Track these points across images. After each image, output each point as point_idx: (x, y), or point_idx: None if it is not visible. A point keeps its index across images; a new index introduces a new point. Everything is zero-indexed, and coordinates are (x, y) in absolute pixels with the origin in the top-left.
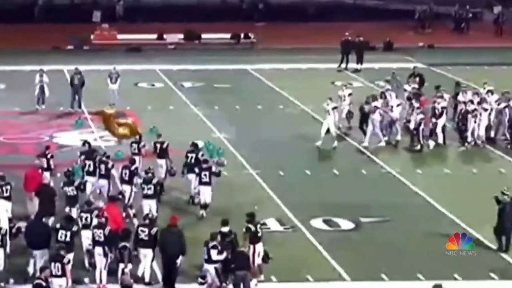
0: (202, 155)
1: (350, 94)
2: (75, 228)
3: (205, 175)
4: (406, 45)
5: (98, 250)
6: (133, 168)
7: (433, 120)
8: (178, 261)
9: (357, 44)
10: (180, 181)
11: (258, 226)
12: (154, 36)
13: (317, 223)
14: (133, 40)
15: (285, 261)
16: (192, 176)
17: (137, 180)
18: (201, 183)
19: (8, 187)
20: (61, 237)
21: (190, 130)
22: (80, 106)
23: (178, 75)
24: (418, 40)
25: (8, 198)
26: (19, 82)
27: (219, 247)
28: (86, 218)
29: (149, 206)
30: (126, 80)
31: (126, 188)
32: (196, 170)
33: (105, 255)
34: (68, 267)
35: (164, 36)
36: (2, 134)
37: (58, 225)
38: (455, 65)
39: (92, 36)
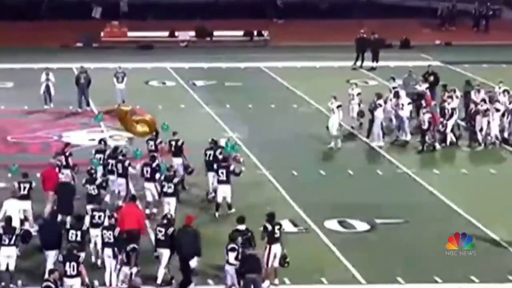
0: (220, 152)
1: (359, 94)
2: (84, 227)
3: (222, 173)
4: (423, 42)
5: (108, 251)
6: (154, 165)
7: (443, 121)
8: (193, 262)
9: (373, 42)
10: (199, 179)
11: (277, 227)
12: (166, 33)
13: (331, 224)
14: (144, 37)
15: (298, 263)
16: (211, 174)
17: (158, 176)
18: (218, 181)
19: (27, 185)
20: (71, 237)
21: (202, 129)
22: (88, 105)
23: (190, 73)
24: (435, 38)
25: (24, 197)
26: (27, 80)
27: (239, 250)
28: (99, 217)
29: (168, 204)
30: (137, 78)
31: (149, 186)
32: (215, 167)
33: (115, 256)
34: (83, 266)
35: (176, 33)
36: (10, 134)
37: (68, 225)
38: (472, 63)
39: (101, 34)
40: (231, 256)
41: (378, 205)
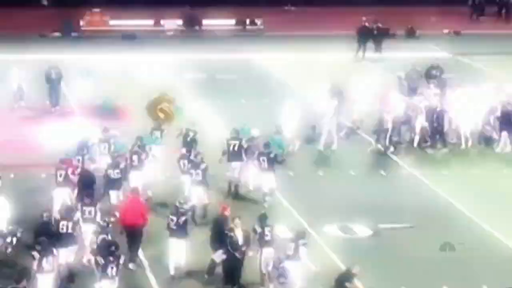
0: (246, 142)
1: None
2: (76, 218)
3: (263, 160)
4: (430, 32)
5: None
6: (191, 157)
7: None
8: (217, 257)
9: (375, 31)
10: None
11: (267, 229)
12: (150, 22)
13: (331, 229)
14: (127, 26)
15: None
16: (237, 165)
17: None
18: (261, 169)
19: (63, 172)
20: (62, 228)
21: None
22: (57, 105)
23: (177, 65)
24: (443, 27)
25: (61, 184)
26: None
27: None
28: (89, 212)
29: (196, 193)
30: (119, 70)
31: (186, 179)
32: (256, 155)
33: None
34: (57, 261)
35: (161, 22)
36: None
37: (58, 216)
38: (483, 54)
39: (81, 22)
40: (303, 251)
41: (381, 209)
